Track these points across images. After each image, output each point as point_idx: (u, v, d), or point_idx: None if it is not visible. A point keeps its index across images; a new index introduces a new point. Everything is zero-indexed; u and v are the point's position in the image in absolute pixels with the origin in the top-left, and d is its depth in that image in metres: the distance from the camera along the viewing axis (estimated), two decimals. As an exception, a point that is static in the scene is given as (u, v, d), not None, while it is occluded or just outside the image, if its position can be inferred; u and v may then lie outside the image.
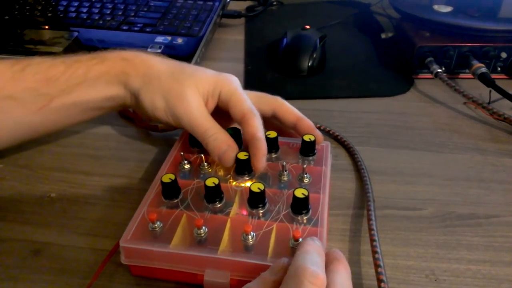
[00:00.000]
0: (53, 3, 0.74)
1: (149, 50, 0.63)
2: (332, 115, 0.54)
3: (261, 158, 0.38)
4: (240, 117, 0.39)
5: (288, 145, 0.43)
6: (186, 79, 0.40)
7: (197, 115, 0.39)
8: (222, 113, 0.41)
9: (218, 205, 0.36)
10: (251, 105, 0.40)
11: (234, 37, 0.74)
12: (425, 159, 0.47)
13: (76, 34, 0.67)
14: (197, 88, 0.40)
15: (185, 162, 0.41)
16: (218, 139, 0.39)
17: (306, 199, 0.34)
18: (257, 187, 0.35)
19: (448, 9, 0.64)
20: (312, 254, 0.28)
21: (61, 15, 0.72)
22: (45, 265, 0.36)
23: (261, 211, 0.36)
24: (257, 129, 0.38)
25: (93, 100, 0.41)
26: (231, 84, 0.41)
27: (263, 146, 0.38)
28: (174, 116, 0.40)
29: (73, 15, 0.71)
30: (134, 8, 0.73)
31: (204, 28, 0.68)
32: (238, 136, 0.42)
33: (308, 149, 0.41)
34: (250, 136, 0.39)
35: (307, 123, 0.42)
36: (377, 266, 0.33)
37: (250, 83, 0.61)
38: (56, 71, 0.40)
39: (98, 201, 0.42)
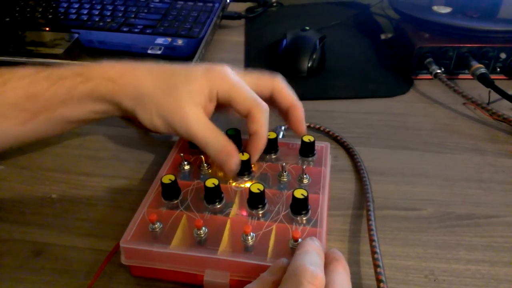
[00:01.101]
0: (54, 5, 0.74)
1: (149, 51, 0.63)
2: (331, 116, 0.54)
3: (254, 155, 0.39)
4: (245, 113, 0.38)
5: (288, 145, 0.43)
6: (179, 93, 0.38)
7: (196, 129, 0.37)
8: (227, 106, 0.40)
9: (218, 206, 0.36)
10: (253, 96, 0.39)
11: (234, 39, 0.74)
12: (425, 160, 0.47)
13: (76, 35, 0.67)
14: (192, 100, 0.38)
15: (185, 163, 0.41)
16: (218, 149, 0.38)
17: (305, 199, 0.35)
18: (256, 187, 0.35)
19: (447, 10, 0.64)
20: (312, 254, 0.28)
21: (62, 16, 0.72)
22: (46, 266, 0.37)
23: (260, 212, 0.36)
24: (261, 125, 0.38)
25: (80, 115, 0.40)
26: (225, 80, 0.39)
27: (261, 144, 0.39)
28: (174, 130, 0.38)
29: (74, 16, 0.71)
30: (134, 9, 0.73)
31: (204, 29, 0.68)
32: (238, 138, 0.42)
33: (307, 150, 0.41)
34: (252, 132, 0.38)
35: (297, 113, 0.41)
36: (376, 266, 0.34)
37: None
38: (39, 87, 0.38)
39: (98, 202, 0.42)
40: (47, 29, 0.69)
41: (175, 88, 0.38)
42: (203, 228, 0.34)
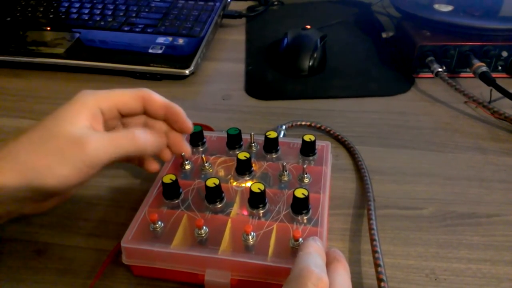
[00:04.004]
0: (55, 5, 0.74)
1: (150, 51, 0.63)
2: (332, 115, 0.54)
3: (186, 117, 0.38)
4: (138, 106, 0.37)
5: (288, 145, 0.43)
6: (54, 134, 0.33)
7: (99, 151, 0.33)
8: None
9: (219, 206, 0.36)
10: (131, 89, 0.37)
11: (235, 37, 0.74)
12: (426, 159, 0.47)
13: (78, 35, 0.67)
14: (76, 127, 0.33)
15: (186, 162, 0.41)
16: (137, 134, 0.36)
17: (306, 199, 0.35)
18: (257, 187, 0.35)
19: (448, 8, 0.64)
20: (315, 256, 0.28)
21: (63, 16, 0.72)
22: (47, 266, 0.37)
23: (261, 211, 0.36)
24: (159, 98, 0.38)
25: None
26: (96, 94, 0.36)
27: (179, 107, 0.38)
28: (85, 168, 0.33)
29: (75, 16, 0.71)
30: (135, 9, 0.73)
31: (205, 28, 0.68)
32: (239, 137, 0.42)
33: (308, 149, 0.41)
34: (162, 107, 0.37)
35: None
36: (377, 265, 0.34)
37: (251, 83, 0.61)
38: None
39: (100, 201, 0.43)
40: (48, 28, 0.69)
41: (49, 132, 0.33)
42: (204, 227, 0.34)
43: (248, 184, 0.38)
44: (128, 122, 0.39)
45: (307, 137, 0.41)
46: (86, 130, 0.33)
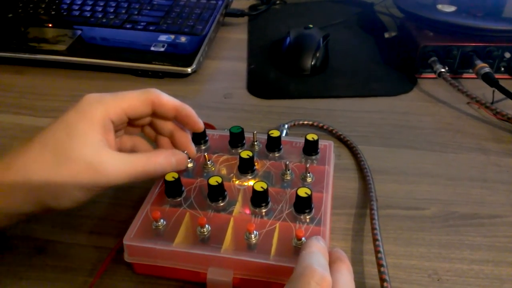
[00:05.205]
0: (57, 1, 0.74)
1: (152, 48, 0.63)
2: (335, 115, 0.54)
3: (197, 117, 0.38)
4: (148, 109, 0.36)
5: (291, 144, 0.43)
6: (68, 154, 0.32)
7: (119, 174, 0.33)
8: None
9: (221, 204, 0.36)
10: (137, 90, 0.36)
11: (237, 36, 0.74)
12: (428, 159, 0.47)
13: (79, 32, 0.67)
14: (91, 148, 0.33)
15: (189, 160, 0.41)
16: (159, 162, 0.36)
17: (309, 198, 0.34)
18: (260, 186, 0.35)
19: (451, 8, 0.64)
20: (318, 255, 0.28)
21: (65, 13, 0.72)
22: (48, 263, 0.37)
23: (264, 210, 0.36)
24: (168, 99, 0.37)
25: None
26: (104, 102, 0.34)
27: (190, 108, 0.38)
28: (99, 188, 0.33)
29: (77, 13, 0.71)
30: (137, 6, 0.73)
31: (207, 26, 0.68)
32: (241, 135, 0.42)
33: (311, 148, 0.41)
34: (172, 109, 0.37)
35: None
36: (379, 265, 0.33)
37: (253, 82, 0.61)
38: None
39: (101, 199, 0.42)
40: (50, 25, 0.69)
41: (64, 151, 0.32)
42: (206, 226, 0.34)
43: (251, 182, 0.38)
44: (135, 124, 0.39)
45: (310, 136, 0.41)
46: (101, 150, 0.33)
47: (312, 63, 0.61)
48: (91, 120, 0.33)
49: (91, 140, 0.33)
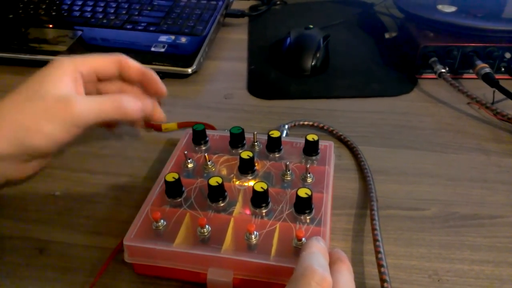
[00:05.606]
0: (57, 2, 0.74)
1: (152, 49, 0.63)
2: (335, 115, 0.54)
3: (160, 81, 0.40)
4: (114, 70, 0.40)
5: (291, 144, 0.43)
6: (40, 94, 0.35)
7: (87, 112, 0.36)
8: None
9: (221, 204, 0.36)
10: (107, 55, 0.40)
11: (237, 37, 0.74)
12: (428, 159, 0.47)
13: (80, 33, 0.67)
14: (59, 88, 0.36)
15: (189, 161, 0.41)
16: (126, 99, 0.38)
17: (309, 198, 0.35)
18: (260, 186, 0.35)
19: (452, 9, 0.64)
20: (318, 256, 0.28)
21: (65, 14, 0.72)
22: (49, 263, 0.37)
23: (264, 211, 0.36)
24: (137, 64, 0.41)
25: None
26: (75, 60, 0.38)
27: (154, 72, 0.41)
28: (71, 128, 0.35)
29: (77, 14, 0.71)
30: (138, 7, 0.73)
31: (208, 27, 0.68)
32: (241, 136, 0.42)
33: (311, 148, 0.41)
34: (138, 72, 0.40)
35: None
36: (380, 266, 0.33)
37: (253, 83, 0.61)
38: None
39: (102, 199, 0.42)
40: (51, 26, 0.69)
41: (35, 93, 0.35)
42: (207, 226, 0.34)
43: (251, 183, 0.38)
44: (104, 89, 0.41)
45: (310, 137, 0.41)
46: (70, 90, 0.35)
47: (313, 63, 0.61)
48: (61, 70, 0.36)
49: (61, 84, 0.35)
